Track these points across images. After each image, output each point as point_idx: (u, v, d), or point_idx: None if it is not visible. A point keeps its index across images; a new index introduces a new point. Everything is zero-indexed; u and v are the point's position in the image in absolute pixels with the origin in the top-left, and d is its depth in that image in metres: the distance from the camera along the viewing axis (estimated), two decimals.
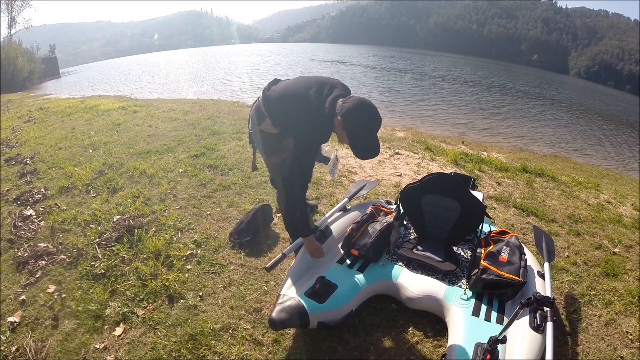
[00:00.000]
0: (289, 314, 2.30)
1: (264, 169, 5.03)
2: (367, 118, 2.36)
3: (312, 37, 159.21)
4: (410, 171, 5.80)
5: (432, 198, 3.13)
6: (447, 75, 34.10)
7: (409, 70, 34.96)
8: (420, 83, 25.45)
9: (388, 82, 24.81)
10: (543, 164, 8.17)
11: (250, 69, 28.77)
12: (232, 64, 34.15)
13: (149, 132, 6.96)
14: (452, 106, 17.22)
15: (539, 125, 16.75)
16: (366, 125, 2.37)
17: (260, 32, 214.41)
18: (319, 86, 2.53)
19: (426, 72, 34.05)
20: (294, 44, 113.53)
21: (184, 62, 38.12)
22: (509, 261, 2.77)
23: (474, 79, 34.47)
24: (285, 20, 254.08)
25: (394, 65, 39.19)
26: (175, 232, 3.65)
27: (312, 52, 53.58)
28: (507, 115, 17.66)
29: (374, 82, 24.23)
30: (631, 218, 5.29)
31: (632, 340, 2.88)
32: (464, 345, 2.23)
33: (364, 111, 2.34)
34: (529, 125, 16.15)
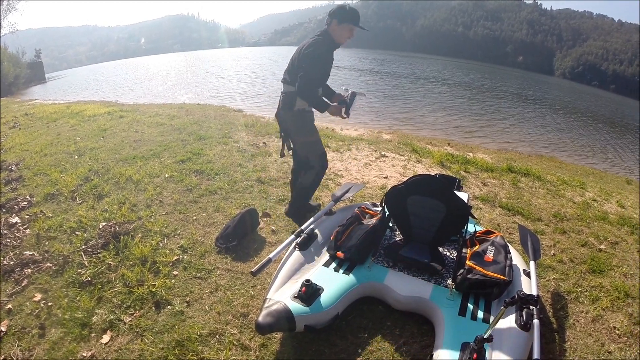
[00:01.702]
0: (275, 318, 2.30)
1: (248, 174, 5.05)
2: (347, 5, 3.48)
3: (299, 41, 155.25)
4: (396, 173, 5.83)
5: (417, 199, 3.14)
6: (433, 78, 34.38)
7: (395, 73, 35.20)
8: (406, 85, 25.59)
9: (374, 85, 24.93)
10: (528, 163, 8.25)
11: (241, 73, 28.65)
12: (221, 68, 34.04)
13: (135, 137, 6.91)
14: (438, 108, 17.35)
15: (525, 125, 16.93)
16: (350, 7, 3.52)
17: (248, 36, 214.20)
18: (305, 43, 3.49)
19: (411, 75, 34.29)
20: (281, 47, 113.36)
21: (171, 67, 37.93)
22: (495, 260, 2.80)
23: (459, 80, 34.82)
24: (272, 23, 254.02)
25: (381, 68, 39.40)
26: (162, 238, 3.62)
27: None
28: (493, 116, 17.83)
29: (359, 85, 24.29)
30: (616, 215, 5.36)
31: (619, 335, 2.92)
32: (451, 345, 2.24)
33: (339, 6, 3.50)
34: (514, 125, 16.32)
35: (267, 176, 5.13)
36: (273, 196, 4.57)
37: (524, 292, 2.10)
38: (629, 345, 2.85)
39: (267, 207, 4.29)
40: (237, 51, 76.93)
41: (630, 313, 3.17)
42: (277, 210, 4.23)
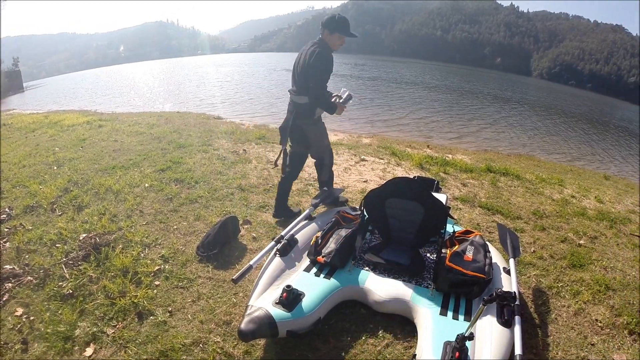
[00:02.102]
0: (257, 324, 2.30)
1: (229, 182, 5.03)
2: (337, 15, 3.68)
3: (279, 47, 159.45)
4: (376, 177, 5.87)
5: (395, 202, 3.18)
6: (413, 82, 34.73)
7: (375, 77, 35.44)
8: (386, 89, 25.77)
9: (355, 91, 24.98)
10: (507, 163, 8.37)
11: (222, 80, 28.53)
12: (201, 76, 33.82)
13: (115, 147, 6.84)
14: (418, 111, 17.48)
15: (504, 126, 17.16)
16: (339, 17, 3.69)
17: (227, 42, 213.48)
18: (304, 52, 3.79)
19: (391, 79, 34.57)
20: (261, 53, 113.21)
21: (150, 75, 37.53)
22: (474, 260, 2.84)
23: (439, 83, 35.28)
24: (252, 30, 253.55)
25: (362, 73, 39.63)
26: (143, 248, 3.59)
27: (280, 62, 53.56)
28: (472, 118, 18.04)
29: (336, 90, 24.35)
30: (595, 210, 5.48)
31: (602, 327, 2.99)
32: (433, 345, 2.27)
33: (332, 16, 3.70)
34: (493, 126, 16.54)
35: (248, 183, 5.13)
36: (253, 203, 4.56)
37: (501, 290, 2.14)
38: (612, 337, 2.91)
39: (247, 214, 4.28)
40: (217, 58, 76.62)
41: (611, 305, 3.24)
42: (258, 217, 4.23)
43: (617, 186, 8.65)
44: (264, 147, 7.05)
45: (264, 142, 7.46)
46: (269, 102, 17.69)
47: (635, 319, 3.09)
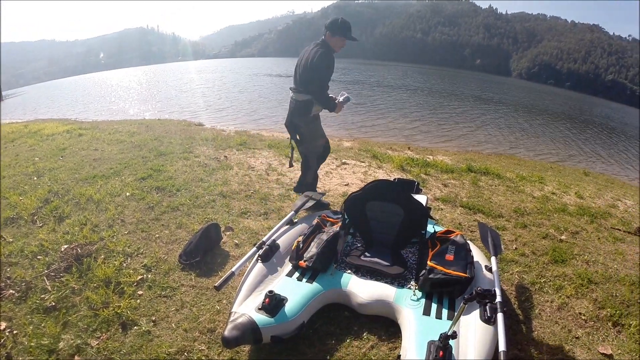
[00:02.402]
0: (241, 331, 2.30)
1: (210, 188, 5.01)
2: (339, 19, 3.96)
3: (260, 52, 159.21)
4: (357, 180, 5.90)
5: (375, 205, 3.21)
6: (394, 84, 35.04)
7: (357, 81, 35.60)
8: (368, 93, 25.88)
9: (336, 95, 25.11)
10: (488, 162, 8.49)
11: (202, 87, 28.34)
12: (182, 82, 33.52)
13: (95, 155, 6.75)
14: (399, 114, 17.60)
15: (484, 126, 17.38)
16: (344, 21, 3.96)
17: (208, 48, 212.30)
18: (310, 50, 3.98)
19: (373, 82, 34.76)
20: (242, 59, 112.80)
21: (130, 82, 37.03)
22: (456, 259, 2.88)
23: (420, 85, 35.59)
24: (232, 35, 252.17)
25: (343, 77, 39.72)
26: (125, 258, 3.54)
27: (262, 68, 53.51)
28: (453, 119, 18.23)
29: None
30: (575, 206, 5.60)
31: (585, 320, 3.05)
32: (417, 345, 2.28)
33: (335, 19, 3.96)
34: (474, 126, 16.73)
35: (229, 190, 5.10)
36: (235, 209, 4.54)
37: (481, 288, 2.16)
38: (596, 329, 2.97)
39: (229, 220, 4.26)
40: (198, 64, 76.03)
41: (594, 298, 3.31)
42: (240, 224, 4.21)
43: (597, 182, 8.83)
44: (245, 153, 7.03)
45: (245, 148, 7.44)
46: (252, 108, 17.65)
47: (618, 310, 3.16)
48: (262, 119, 14.79)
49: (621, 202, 6.55)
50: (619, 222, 5.26)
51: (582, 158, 13.85)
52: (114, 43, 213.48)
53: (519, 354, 2.64)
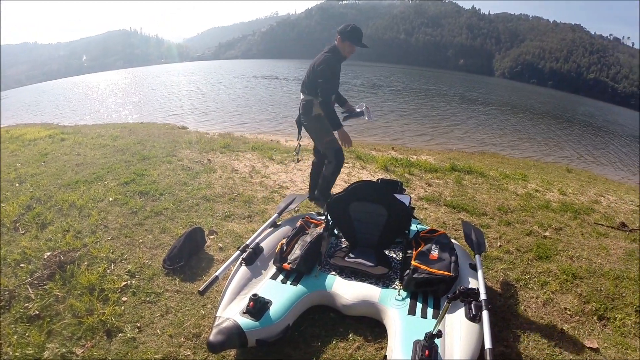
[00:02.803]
0: (225, 335, 2.29)
1: (194, 192, 4.97)
2: (351, 25, 3.96)
3: (244, 54, 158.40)
4: (340, 181, 5.90)
5: (358, 205, 3.22)
6: (378, 85, 35.18)
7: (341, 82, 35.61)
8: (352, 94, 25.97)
9: None
10: (471, 161, 8.57)
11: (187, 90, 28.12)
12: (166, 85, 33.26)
13: (77, 160, 6.67)
14: (382, 114, 17.66)
15: (468, 125, 17.56)
16: (354, 27, 3.98)
17: (192, 50, 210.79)
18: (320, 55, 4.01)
19: (357, 83, 34.85)
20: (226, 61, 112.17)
21: (114, 85, 36.60)
22: (440, 258, 2.90)
23: (404, 86, 35.76)
24: (216, 37, 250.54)
25: None
26: (108, 264, 3.50)
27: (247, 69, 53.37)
28: (436, 118, 18.41)
29: None
30: (559, 202, 5.69)
31: (571, 315, 3.09)
32: (403, 345, 2.29)
33: (347, 25, 3.97)
34: (457, 125, 16.89)
35: (213, 193, 5.07)
36: (219, 213, 4.52)
37: (464, 287, 2.17)
38: (582, 324, 3.02)
39: (213, 224, 4.24)
40: (181, 66, 75.47)
41: (579, 293, 3.37)
42: (224, 227, 4.19)
43: (579, 178, 8.97)
44: (229, 156, 7.00)
45: (228, 150, 7.40)
46: (238, 111, 17.60)
47: (603, 304, 3.22)
48: (248, 122, 14.79)
49: (604, 197, 6.66)
50: (602, 218, 5.35)
51: (564, 155, 14.05)
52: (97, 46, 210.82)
53: (505, 351, 2.66)
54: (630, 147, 19.22)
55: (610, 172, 12.41)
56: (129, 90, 30.72)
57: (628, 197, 7.17)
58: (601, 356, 2.73)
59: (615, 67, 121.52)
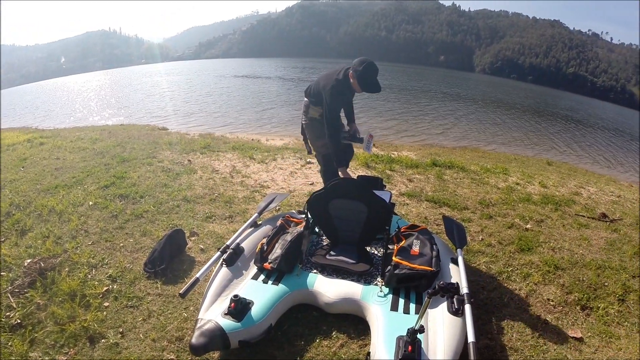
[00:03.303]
0: (208, 337, 2.28)
1: (174, 194, 4.93)
2: (365, 64, 3.52)
3: (224, 53, 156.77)
4: None
5: (338, 203, 3.22)
6: None
7: None
8: None
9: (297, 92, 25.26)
10: (452, 156, 8.66)
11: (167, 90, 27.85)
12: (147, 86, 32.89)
13: (57, 165, 6.56)
14: (362, 109, 17.73)
15: (449, 120, 17.71)
16: (365, 69, 3.52)
17: (172, 50, 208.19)
18: (334, 73, 3.74)
19: None
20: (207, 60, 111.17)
21: (93, 87, 36.01)
22: (421, 253, 2.91)
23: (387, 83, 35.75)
24: (196, 36, 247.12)
25: (303, 75, 39.93)
26: (89, 270, 3.45)
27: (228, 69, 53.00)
28: (418, 114, 18.55)
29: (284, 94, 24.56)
30: (540, 195, 5.76)
31: (554, 306, 3.14)
32: (386, 341, 2.29)
33: (362, 63, 3.54)
34: (438, 121, 17.04)
35: (193, 194, 5.05)
36: (200, 214, 4.49)
37: (444, 282, 2.19)
38: (565, 314, 3.06)
39: (194, 225, 4.21)
40: (162, 66, 74.51)
41: (562, 284, 3.42)
42: (205, 228, 4.16)
43: (560, 170, 9.11)
44: (209, 157, 6.96)
45: (209, 151, 7.37)
46: (220, 111, 17.50)
47: (586, 294, 3.28)
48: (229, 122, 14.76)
49: (584, 189, 6.77)
50: (582, 209, 5.43)
51: (545, 148, 14.25)
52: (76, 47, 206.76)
53: (489, 343, 2.69)
54: (610, 139, 19.65)
55: (590, 165, 12.63)
56: (108, 92, 30.29)
57: (608, 188, 7.30)
58: (585, 345, 2.77)
59: (594, 62, 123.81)
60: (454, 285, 2.32)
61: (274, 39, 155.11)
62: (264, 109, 18.00)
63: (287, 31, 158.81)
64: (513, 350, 2.67)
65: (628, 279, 3.62)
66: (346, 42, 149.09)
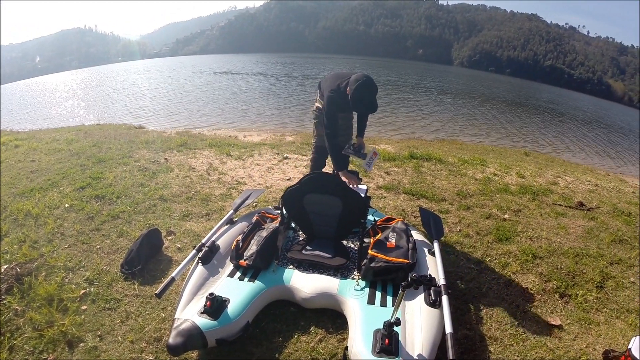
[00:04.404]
0: (185, 337, 2.27)
1: (151, 193, 4.89)
2: (360, 84, 3.38)
3: (202, 49, 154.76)
4: (299, 174, 5.92)
5: (313, 197, 3.23)
6: None
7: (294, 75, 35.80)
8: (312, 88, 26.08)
9: (275, 88, 25.35)
10: (430, 148, 8.72)
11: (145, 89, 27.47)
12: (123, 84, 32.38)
13: (32, 167, 6.42)
14: None
15: (427, 113, 17.92)
16: (357, 88, 3.38)
17: (149, 47, 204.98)
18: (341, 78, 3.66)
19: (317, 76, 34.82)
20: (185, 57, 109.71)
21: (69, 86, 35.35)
22: (397, 246, 2.94)
23: None
24: (174, 33, 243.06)
25: (283, 71, 39.85)
26: (66, 273, 3.40)
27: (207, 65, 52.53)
28: (397, 107, 18.64)
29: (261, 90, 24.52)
30: (517, 185, 5.86)
31: (533, 294, 3.21)
32: (364, 334, 2.32)
33: (357, 81, 3.41)
34: (417, 114, 17.22)
35: (170, 193, 4.99)
36: (177, 213, 4.45)
37: (416, 274, 2.21)
38: (544, 302, 3.13)
39: (171, 224, 4.17)
40: (139, 64, 73.41)
41: (540, 272, 3.50)
42: (182, 227, 4.13)
43: (537, 161, 9.25)
44: (186, 154, 6.89)
45: (185, 148, 7.29)
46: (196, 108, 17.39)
47: (564, 282, 3.35)
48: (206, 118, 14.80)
49: (562, 178, 6.90)
50: (560, 198, 5.54)
51: (522, 138, 14.46)
52: (51, 45, 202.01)
53: (468, 334, 2.73)
54: (588, 130, 20.04)
55: (567, 155, 12.86)
56: (85, 91, 29.76)
57: (585, 178, 7.45)
58: (564, 332, 2.83)
59: (571, 55, 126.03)
60: (427, 277, 2.35)
61: (252, 35, 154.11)
62: (243, 105, 17.92)
63: (266, 26, 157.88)
64: (492, 339, 2.71)
65: (606, 266, 3.72)
66: (325, 37, 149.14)
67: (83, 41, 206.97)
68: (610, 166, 12.56)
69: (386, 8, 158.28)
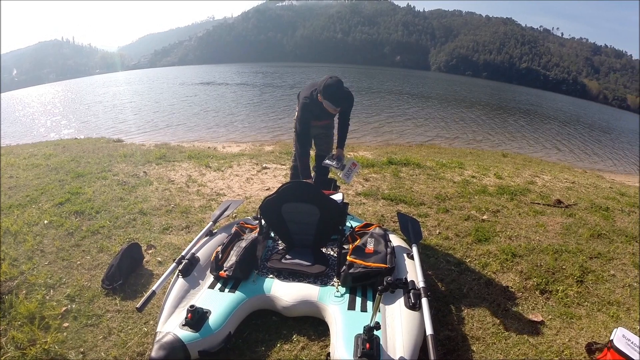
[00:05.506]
0: (167, 350, 2.29)
1: (130, 207, 4.88)
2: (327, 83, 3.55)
3: (181, 60, 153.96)
4: (278, 183, 5.93)
5: (291, 206, 3.26)
6: None
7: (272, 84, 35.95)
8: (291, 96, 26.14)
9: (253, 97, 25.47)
10: (408, 154, 8.80)
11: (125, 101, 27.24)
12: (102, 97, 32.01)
13: (10, 184, 6.31)
14: None
15: (405, 118, 18.05)
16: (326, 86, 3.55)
17: (127, 58, 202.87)
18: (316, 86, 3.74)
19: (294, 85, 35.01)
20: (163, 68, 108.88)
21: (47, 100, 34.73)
22: (375, 251, 2.99)
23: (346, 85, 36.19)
24: (152, 44, 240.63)
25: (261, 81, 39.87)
26: (47, 290, 3.36)
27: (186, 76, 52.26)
28: (375, 113, 18.82)
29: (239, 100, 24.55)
30: (495, 186, 5.95)
31: (514, 292, 3.26)
32: (345, 340, 2.34)
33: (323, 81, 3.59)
34: (395, 120, 17.33)
35: (149, 206, 4.97)
36: (157, 226, 4.44)
37: (391, 278, 2.26)
38: (525, 299, 3.19)
39: (151, 238, 4.16)
40: (117, 76, 72.61)
41: (520, 270, 3.55)
42: (162, 240, 4.12)
43: (515, 162, 9.41)
44: (165, 167, 6.85)
45: (164, 161, 7.25)
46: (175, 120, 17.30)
47: (544, 279, 3.41)
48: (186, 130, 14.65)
49: (539, 178, 7.03)
50: (538, 197, 5.65)
51: (501, 139, 14.68)
52: (29, 58, 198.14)
53: (450, 334, 2.77)
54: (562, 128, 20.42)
55: (544, 154, 13.09)
56: (62, 104, 29.33)
57: (562, 176, 7.61)
58: (547, 328, 2.88)
59: (546, 56, 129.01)
60: (402, 280, 2.39)
61: (231, 45, 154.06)
62: (224, 117, 17.88)
63: (244, 36, 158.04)
64: (475, 339, 2.75)
65: (585, 261, 3.81)
66: (303, 45, 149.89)
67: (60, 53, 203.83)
68: (586, 163, 12.84)
69: (363, 16, 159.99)
